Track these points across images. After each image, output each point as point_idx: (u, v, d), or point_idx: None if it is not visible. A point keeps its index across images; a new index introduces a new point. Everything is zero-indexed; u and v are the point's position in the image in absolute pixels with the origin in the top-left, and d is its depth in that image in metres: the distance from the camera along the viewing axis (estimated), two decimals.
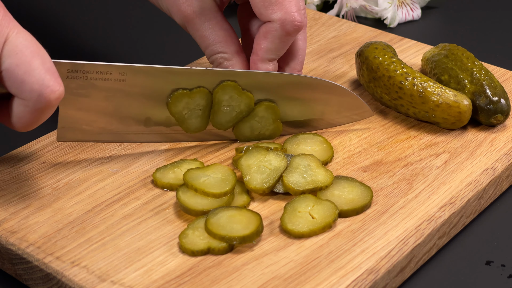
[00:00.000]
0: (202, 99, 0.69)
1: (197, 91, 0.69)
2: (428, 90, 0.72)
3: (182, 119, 0.70)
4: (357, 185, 0.66)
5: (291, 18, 0.68)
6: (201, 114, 0.70)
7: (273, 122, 0.72)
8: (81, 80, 0.66)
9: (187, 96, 0.69)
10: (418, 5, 1.01)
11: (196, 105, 0.70)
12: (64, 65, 0.65)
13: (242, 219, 0.62)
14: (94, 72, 0.66)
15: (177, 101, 0.69)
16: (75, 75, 0.66)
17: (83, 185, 0.67)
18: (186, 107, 0.69)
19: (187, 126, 0.70)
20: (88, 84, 0.66)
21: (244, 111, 0.71)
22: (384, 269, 0.59)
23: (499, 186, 0.70)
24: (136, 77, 0.67)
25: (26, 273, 0.61)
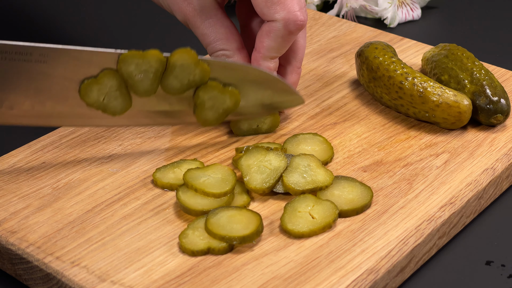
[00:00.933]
0: (111, 79, 0.67)
1: (103, 74, 0.67)
2: (428, 90, 0.72)
3: (103, 105, 0.68)
4: (357, 185, 0.66)
5: (294, 18, 0.69)
6: (119, 94, 0.68)
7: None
8: (0, 60, 0.65)
9: (95, 83, 0.67)
10: (418, 5, 1.01)
11: (109, 88, 0.68)
12: None
13: (242, 219, 0.62)
14: (13, 52, 0.65)
15: (87, 92, 0.67)
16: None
17: (83, 185, 0.68)
18: (100, 93, 0.68)
19: (112, 110, 0.69)
20: (8, 65, 0.65)
21: (159, 69, 0.68)
22: (384, 269, 0.59)
23: (499, 186, 0.70)
24: (58, 59, 0.66)
25: (26, 273, 0.61)
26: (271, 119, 0.73)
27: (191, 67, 0.68)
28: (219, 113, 0.71)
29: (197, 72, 0.68)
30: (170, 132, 0.74)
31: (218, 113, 0.71)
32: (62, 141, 0.73)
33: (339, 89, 0.80)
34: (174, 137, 0.73)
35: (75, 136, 0.73)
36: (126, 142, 0.73)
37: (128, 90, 0.68)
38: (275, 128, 0.74)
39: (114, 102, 0.68)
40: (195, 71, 0.68)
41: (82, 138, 0.73)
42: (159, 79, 0.68)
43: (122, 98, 0.68)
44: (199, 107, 0.70)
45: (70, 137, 0.73)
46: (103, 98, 0.68)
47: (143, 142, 0.73)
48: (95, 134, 0.73)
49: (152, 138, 0.73)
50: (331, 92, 0.80)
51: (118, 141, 0.73)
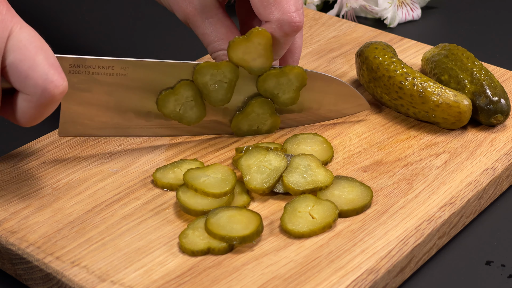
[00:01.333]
0: (187, 90, 0.70)
1: (179, 85, 0.69)
2: (428, 90, 0.72)
3: (179, 116, 0.70)
4: (357, 185, 0.66)
5: (289, 19, 0.68)
6: (194, 104, 0.70)
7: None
8: (83, 75, 0.67)
9: (172, 94, 0.69)
10: (418, 5, 1.01)
11: (185, 98, 0.70)
12: (67, 60, 0.66)
13: (242, 219, 0.62)
14: (96, 66, 0.67)
15: (165, 102, 0.70)
16: (77, 70, 0.66)
17: (83, 185, 0.67)
18: (177, 104, 0.70)
19: (187, 120, 0.71)
20: (90, 79, 0.67)
21: (233, 79, 0.70)
22: (384, 269, 0.59)
23: (499, 186, 0.70)
24: (137, 71, 0.68)
25: (26, 273, 0.61)
26: (272, 120, 0.73)
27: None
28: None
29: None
30: None
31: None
32: (62, 141, 0.73)
33: None
34: (174, 137, 0.73)
35: None
36: (126, 142, 0.73)
37: (202, 99, 0.70)
38: (275, 129, 0.74)
39: (189, 111, 0.70)
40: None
41: (82, 138, 0.73)
42: (232, 88, 0.70)
43: (197, 108, 0.70)
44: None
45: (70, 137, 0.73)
46: (179, 109, 0.70)
47: (143, 142, 0.73)
48: None
49: (152, 138, 0.73)
50: None
51: (118, 141, 0.73)
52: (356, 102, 0.75)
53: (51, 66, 0.59)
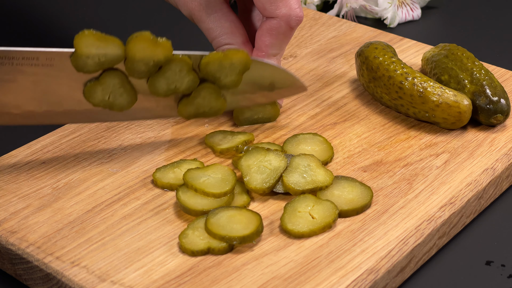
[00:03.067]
0: (113, 78, 0.68)
1: (104, 75, 0.68)
2: (428, 90, 0.72)
3: (109, 103, 0.69)
4: (357, 185, 0.66)
5: (295, 13, 0.71)
6: (123, 91, 0.69)
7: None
8: (7, 66, 0.66)
9: (98, 84, 0.68)
10: (418, 5, 1.01)
11: (112, 86, 0.69)
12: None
13: (242, 219, 0.62)
14: (20, 58, 0.66)
15: (92, 93, 0.68)
16: (1, 62, 0.66)
17: (83, 185, 0.68)
18: (104, 93, 0.69)
19: (119, 107, 0.70)
20: (14, 70, 0.66)
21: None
22: (384, 269, 0.59)
23: (499, 186, 0.70)
24: (64, 62, 0.67)
25: (26, 273, 0.61)
26: (271, 108, 0.74)
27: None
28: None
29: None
30: (170, 132, 0.74)
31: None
32: (62, 141, 0.73)
33: (339, 89, 0.80)
34: (174, 137, 0.73)
35: (75, 136, 0.73)
36: (126, 142, 0.73)
37: (131, 84, 0.69)
38: (276, 117, 0.74)
39: (119, 98, 0.69)
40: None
41: (82, 138, 0.73)
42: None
43: (127, 94, 0.69)
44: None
45: (70, 137, 0.73)
46: (108, 97, 0.69)
47: (143, 142, 0.73)
48: (95, 134, 0.73)
49: (152, 138, 0.73)
50: (331, 92, 0.80)
51: (118, 141, 0.73)
52: (294, 85, 0.74)
53: None
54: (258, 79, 0.72)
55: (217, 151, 0.71)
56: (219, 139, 0.72)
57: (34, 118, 0.69)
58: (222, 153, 0.71)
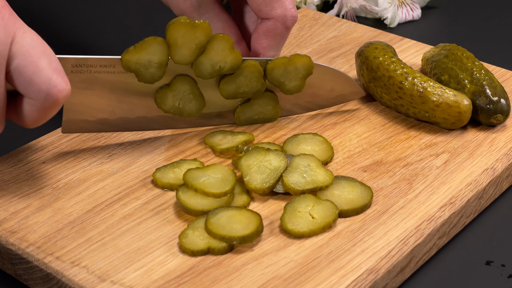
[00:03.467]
0: (183, 84, 0.70)
1: (175, 81, 0.70)
2: (428, 90, 0.72)
3: (179, 110, 0.71)
4: (357, 185, 0.66)
5: (290, 13, 0.71)
6: (193, 97, 0.71)
7: (272, 109, 0.74)
8: (85, 74, 0.67)
9: (169, 90, 0.70)
10: (418, 5, 1.01)
11: (183, 92, 0.70)
12: (69, 60, 0.66)
13: (242, 219, 0.62)
14: (97, 66, 0.67)
15: (163, 99, 0.70)
16: (79, 70, 0.67)
17: (83, 185, 0.67)
18: (175, 99, 0.70)
19: (188, 113, 0.71)
20: (92, 78, 0.68)
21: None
22: (384, 269, 0.59)
23: (499, 186, 0.70)
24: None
25: (26, 273, 0.61)
26: (272, 108, 0.74)
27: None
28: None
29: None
30: (170, 132, 0.74)
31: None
32: (62, 141, 0.73)
33: None
34: (174, 137, 0.73)
35: (75, 136, 0.73)
36: (126, 142, 0.73)
37: (200, 91, 0.71)
38: (277, 117, 0.75)
39: (189, 104, 0.71)
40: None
41: (82, 138, 0.73)
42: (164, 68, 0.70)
43: (196, 100, 0.71)
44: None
45: (70, 137, 0.73)
46: (178, 103, 0.71)
47: (143, 142, 0.73)
48: (95, 134, 0.73)
49: (152, 138, 0.73)
50: None
51: (118, 141, 0.73)
52: (351, 89, 0.76)
53: (54, 70, 0.60)
54: (319, 84, 0.74)
55: (217, 151, 0.71)
56: (219, 139, 0.72)
57: (107, 125, 0.71)
58: (222, 153, 0.71)
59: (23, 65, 0.59)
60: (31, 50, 0.59)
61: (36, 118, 0.61)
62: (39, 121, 0.62)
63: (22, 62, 0.59)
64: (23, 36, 0.59)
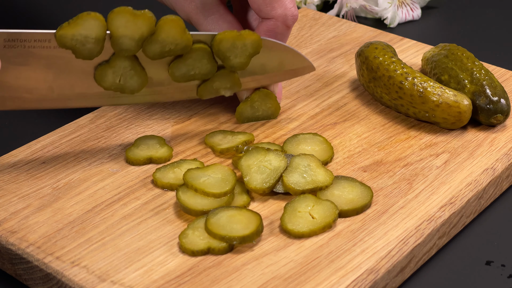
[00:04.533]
0: (123, 61, 0.68)
1: (114, 57, 0.68)
2: (428, 90, 0.72)
3: (120, 86, 0.69)
4: (357, 185, 0.66)
5: (291, 13, 0.71)
6: (134, 73, 0.69)
7: (271, 106, 0.74)
8: (19, 49, 0.65)
9: (108, 67, 0.68)
10: (418, 5, 1.01)
11: (123, 69, 0.68)
12: (1, 35, 0.64)
13: (242, 219, 0.62)
14: (32, 40, 0.65)
15: (102, 76, 0.68)
16: (13, 44, 0.65)
17: (83, 185, 0.68)
18: (115, 75, 0.68)
19: (130, 89, 0.69)
20: (27, 53, 0.66)
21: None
22: (384, 269, 0.59)
23: (499, 186, 0.70)
24: None
25: (26, 273, 0.61)
26: (272, 104, 0.74)
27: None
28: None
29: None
30: (170, 132, 0.74)
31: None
32: (62, 141, 0.73)
33: (339, 89, 0.80)
34: (174, 137, 0.73)
35: (75, 136, 0.73)
36: (126, 142, 0.73)
37: (141, 67, 0.69)
38: (277, 113, 0.75)
39: (130, 81, 0.69)
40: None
41: (82, 138, 0.73)
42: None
43: (138, 76, 0.69)
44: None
45: (70, 137, 0.73)
46: (119, 79, 0.69)
47: None
48: (95, 134, 0.73)
49: None
50: (331, 92, 0.80)
51: (118, 141, 0.73)
52: (302, 64, 0.74)
53: None
54: (267, 60, 0.73)
55: (217, 151, 0.71)
56: (219, 139, 0.72)
57: (45, 102, 0.68)
58: (222, 153, 0.71)
59: None
60: None
61: None
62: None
63: None
64: None
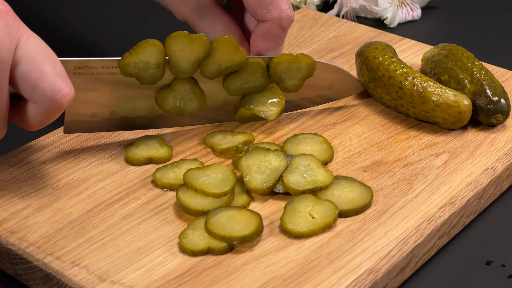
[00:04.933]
0: (184, 85, 0.70)
1: (175, 82, 0.70)
2: (428, 90, 0.72)
3: (180, 109, 0.71)
4: (357, 185, 0.66)
5: (286, 15, 0.72)
6: (193, 96, 0.71)
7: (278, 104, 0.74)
8: (87, 75, 0.67)
9: (169, 91, 0.70)
10: (418, 5, 1.01)
11: (183, 93, 0.71)
12: (71, 62, 0.66)
13: (242, 219, 0.62)
14: (100, 67, 0.67)
15: (164, 100, 0.70)
16: (82, 71, 0.67)
17: (83, 185, 0.68)
18: (176, 99, 0.71)
19: (189, 112, 0.72)
20: (94, 79, 0.68)
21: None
22: (384, 269, 0.59)
23: (499, 186, 0.70)
24: None
25: (26, 273, 0.61)
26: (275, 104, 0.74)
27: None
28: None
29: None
30: (170, 132, 0.74)
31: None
32: (62, 141, 0.73)
33: None
34: (174, 137, 0.73)
35: (75, 136, 0.73)
36: (126, 142, 0.73)
37: (200, 89, 0.71)
38: (279, 112, 0.75)
39: (190, 103, 0.71)
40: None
41: (82, 138, 0.73)
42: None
43: (197, 99, 0.71)
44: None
45: (70, 137, 0.73)
46: (179, 103, 0.71)
47: None
48: (95, 134, 0.73)
49: None
50: None
51: (118, 141, 0.73)
52: (351, 85, 0.77)
53: (58, 75, 0.60)
54: (318, 81, 0.75)
55: (217, 151, 0.71)
56: (219, 139, 0.72)
57: (109, 126, 0.71)
58: (222, 153, 0.71)
59: (28, 71, 0.59)
60: (35, 55, 0.59)
61: (40, 121, 0.61)
62: (42, 124, 0.62)
63: (27, 67, 0.59)
64: (27, 41, 0.59)
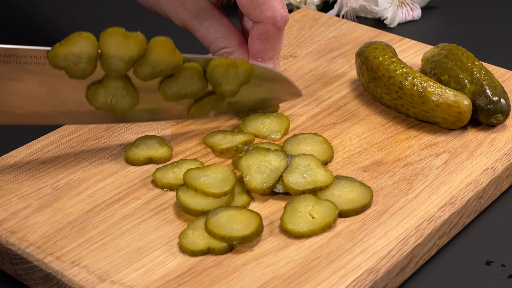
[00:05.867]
0: (116, 81, 0.68)
1: (107, 78, 0.68)
2: (428, 90, 0.72)
3: (111, 106, 0.69)
4: (357, 185, 0.66)
5: (280, 15, 0.71)
6: (126, 93, 0.69)
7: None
8: (14, 64, 0.66)
9: (101, 87, 0.68)
10: (418, 5, 1.01)
11: (115, 89, 0.68)
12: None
13: (242, 219, 0.62)
14: (27, 56, 0.65)
15: (95, 96, 0.68)
16: (8, 60, 0.65)
17: (83, 185, 0.68)
18: (107, 95, 0.68)
19: (121, 109, 0.69)
20: (21, 69, 0.66)
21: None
22: (384, 269, 0.59)
23: (499, 186, 0.70)
24: None
25: (26, 273, 0.61)
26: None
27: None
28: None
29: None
30: (170, 132, 0.74)
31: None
32: (62, 141, 0.73)
33: (339, 89, 0.80)
34: (174, 137, 0.73)
35: (75, 136, 0.73)
36: (126, 142, 0.73)
37: (133, 87, 0.69)
38: (277, 108, 0.75)
39: (122, 101, 0.69)
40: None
41: (82, 138, 0.73)
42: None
43: (129, 96, 0.69)
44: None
45: (70, 137, 0.73)
46: (110, 100, 0.69)
47: None
48: (95, 134, 0.73)
49: None
50: (331, 92, 0.80)
51: (118, 141, 0.73)
52: (289, 90, 0.74)
53: None
54: (256, 87, 0.73)
55: (217, 151, 0.71)
56: (219, 139, 0.72)
57: (36, 118, 0.69)
58: (222, 153, 0.71)
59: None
60: None
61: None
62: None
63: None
64: None
